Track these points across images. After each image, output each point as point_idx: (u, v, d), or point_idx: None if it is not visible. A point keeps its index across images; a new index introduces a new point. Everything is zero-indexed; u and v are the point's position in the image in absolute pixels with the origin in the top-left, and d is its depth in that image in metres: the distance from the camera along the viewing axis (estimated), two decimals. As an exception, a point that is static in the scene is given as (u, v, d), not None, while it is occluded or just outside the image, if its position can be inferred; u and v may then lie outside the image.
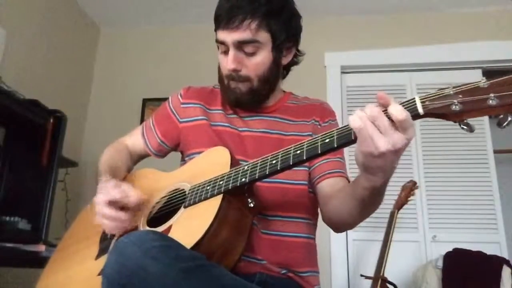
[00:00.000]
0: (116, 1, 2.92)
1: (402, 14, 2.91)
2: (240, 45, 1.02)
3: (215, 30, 1.05)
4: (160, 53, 3.10)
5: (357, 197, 0.84)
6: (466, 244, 2.28)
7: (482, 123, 2.68)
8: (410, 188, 2.26)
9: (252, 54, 1.03)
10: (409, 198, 2.26)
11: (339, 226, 1.01)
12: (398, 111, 0.66)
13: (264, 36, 1.02)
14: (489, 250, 2.24)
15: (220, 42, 1.04)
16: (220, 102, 1.16)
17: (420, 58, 2.79)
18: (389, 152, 0.67)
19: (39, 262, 1.70)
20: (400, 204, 2.24)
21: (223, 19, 1.01)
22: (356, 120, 0.68)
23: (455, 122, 0.67)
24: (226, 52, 1.05)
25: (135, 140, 1.25)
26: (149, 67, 3.08)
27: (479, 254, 2.20)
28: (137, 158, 1.26)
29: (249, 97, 1.07)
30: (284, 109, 1.15)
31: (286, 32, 1.07)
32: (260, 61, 1.04)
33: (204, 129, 1.11)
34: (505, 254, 2.38)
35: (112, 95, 3.07)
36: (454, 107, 0.65)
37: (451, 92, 0.65)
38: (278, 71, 1.11)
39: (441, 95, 0.66)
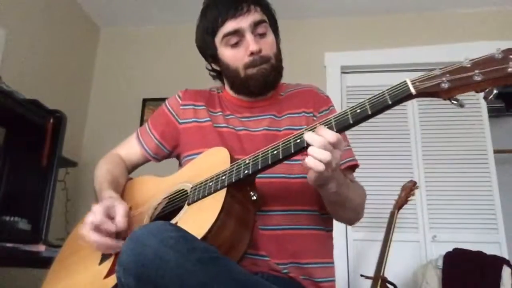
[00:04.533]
0: (116, 1, 2.92)
1: (402, 14, 2.91)
2: (255, 27, 1.07)
3: (221, 25, 1.07)
4: (160, 53, 3.10)
5: (330, 202, 0.96)
6: (466, 244, 2.29)
7: (482, 123, 2.68)
8: (410, 188, 2.27)
9: (264, 35, 1.09)
10: (409, 198, 2.26)
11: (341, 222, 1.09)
12: (332, 136, 0.77)
13: (265, 17, 1.11)
14: (489, 250, 2.24)
15: (233, 32, 1.06)
16: (219, 104, 1.18)
17: (420, 58, 2.79)
18: (337, 165, 0.81)
19: (39, 262, 1.71)
20: (400, 204, 2.24)
21: (230, 10, 1.05)
22: (327, 154, 0.77)
23: (445, 99, 0.72)
24: (236, 44, 1.07)
25: (129, 148, 1.24)
26: (149, 67, 3.08)
27: (479, 254, 2.21)
28: (132, 168, 1.25)
29: (274, 75, 1.10)
30: (277, 103, 1.15)
31: (273, 16, 1.16)
32: (272, 40, 1.11)
33: (206, 130, 1.12)
34: (505, 254, 2.38)
35: (112, 95, 3.07)
36: (443, 84, 0.71)
37: (438, 73, 0.72)
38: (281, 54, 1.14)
39: (430, 75, 0.73)
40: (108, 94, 3.08)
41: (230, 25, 1.06)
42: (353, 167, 1.10)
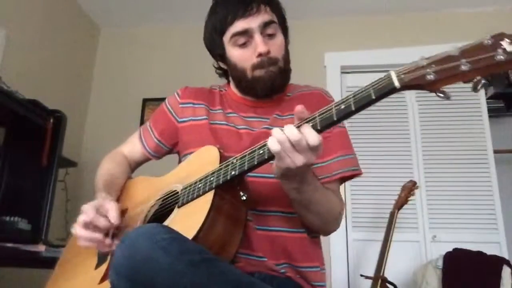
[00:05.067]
0: (116, 1, 2.92)
1: (402, 14, 2.91)
2: (264, 28, 1.05)
3: (230, 25, 1.05)
4: (160, 53, 3.10)
5: (292, 200, 0.92)
6: (466, 244, 2.28)
7: (482, 123, 2.68)
8: (410, 188, 2.27)
9: (273, 36, 1.07)
10: (409, 198, 2.26)
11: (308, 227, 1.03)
12: (314, 138, 0.75)
13: (275, 17, 1.09)
14: (489, 250, 2.24)
15: (242, 32, 1.05)
16: (219, 101, 1.17)
17: (420, 58, 2.79)
18: (304, 165, 0.77)
19: (39, 262, 1.70)
20: (400, 204, 2.24)
21: (239, 10, 1.04)
22: (275, 144, 0.76)
23: (431, 91, 0.68)
24: (244, 44, 1.06)
25: (132, 146, 1.24)
26: (149, 67, 3.08)
27: (479, 254, 2.20)
28: (136, 166, 1.25)
29: (281, 78, 1.09)
30: (283, 103, 1.14)
31: (282, 15, 1.13)
32: (280, 41, 1.09)
33: (202, 128, 1.11)
34: (505, 254, 2.38)
35: (112, 95, 3.07)
36: (428, 76, 0.66)
37: (424, 63, 0.68)
38: (289, 56, 1.13)
39: (415, 67, 0.69)
40: (108, 94, 3.08)
41: (239, 25, 1.04)
42: (350, 177, 1.08)
